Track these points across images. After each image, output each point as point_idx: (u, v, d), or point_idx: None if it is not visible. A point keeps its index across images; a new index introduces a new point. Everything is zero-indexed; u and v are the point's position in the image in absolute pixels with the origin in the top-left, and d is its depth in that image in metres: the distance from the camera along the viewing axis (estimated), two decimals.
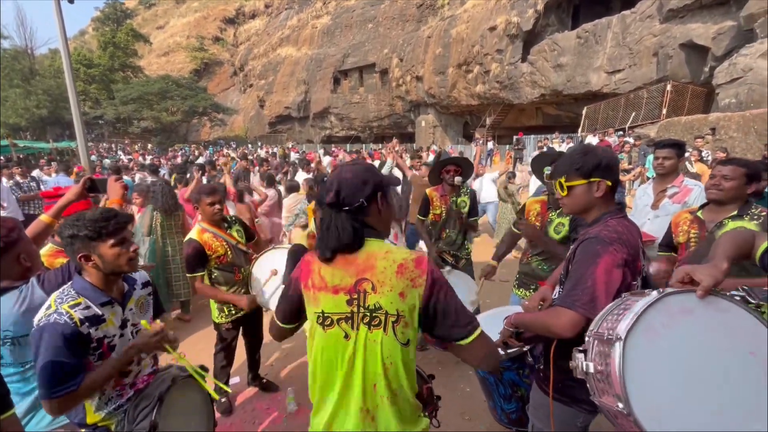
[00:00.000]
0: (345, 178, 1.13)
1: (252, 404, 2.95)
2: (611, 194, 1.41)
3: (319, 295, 1.12)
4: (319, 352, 1.15)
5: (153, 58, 45.84)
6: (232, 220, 2.79)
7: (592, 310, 1.21)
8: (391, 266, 1.08)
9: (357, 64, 26.69)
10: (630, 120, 14.02)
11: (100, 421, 1.49)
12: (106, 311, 1.44)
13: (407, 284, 1.07)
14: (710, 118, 10.19)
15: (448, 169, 3.22)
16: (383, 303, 1.07)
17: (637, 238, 1.36)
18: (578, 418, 1.45)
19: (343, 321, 1.10)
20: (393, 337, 1.08)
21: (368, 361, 1.09)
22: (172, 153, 21.69)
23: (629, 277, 1.28)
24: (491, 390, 2.09)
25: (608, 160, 1.39)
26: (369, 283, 1.08)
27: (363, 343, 1.09)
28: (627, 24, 14.27)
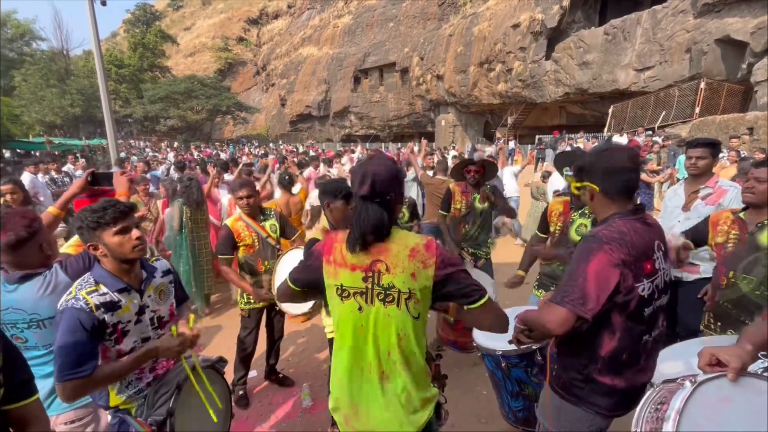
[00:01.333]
0: (378, 172, 1.22)
1: (268, 398, 2.99)
2: (609, 196, 1.38)
3: (339, 270, 1.25)
4: (337, 319, 1.30)
5: (180, 58, 47.24)
6: (270, 213, 2.87)
7: (581, 306, 1.24)
8: (403, 250, 1.20)
9: (377, 63, 26.73)
10: (660, 119, 13.49)
11: (121, 404, 1.53)
12: (123, 297, 1.48)
13: (418, 266, 1.19)
14: (747, 117, 9.69)
15: (469, 169, 3.20)
16: (396, 282, 1.19)
17: (647, 240, 1.33)
18: (586, 420, 1.41)
19: (358, 295, 1.23)
20: (406, 311, 1.21)
21: (382, 331, 1.23)
22: (198, 150, 22.32)
23: (630, 279, 1.27)
24: (499, 386, 2.08)
25: (590, 163, 1.39)
26: (383, 264, 1.20)
27: (376, 316, 1.22)
28: (658, 19, 13.73)
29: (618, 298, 1.27)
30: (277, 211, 2.98)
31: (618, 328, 1.32)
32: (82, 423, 1.62)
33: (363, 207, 1.22)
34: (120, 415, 1.52)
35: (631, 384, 1.36)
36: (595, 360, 1.36)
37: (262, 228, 2.78)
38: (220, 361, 1.77)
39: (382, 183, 1.21)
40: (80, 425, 1.61)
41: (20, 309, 1.51)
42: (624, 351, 1.33)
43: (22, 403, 0.92)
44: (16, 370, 0.94)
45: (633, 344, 1.34)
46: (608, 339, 1.33)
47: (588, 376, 1.38)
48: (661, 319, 1.40)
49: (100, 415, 1.72)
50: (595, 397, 1.38)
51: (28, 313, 1.52)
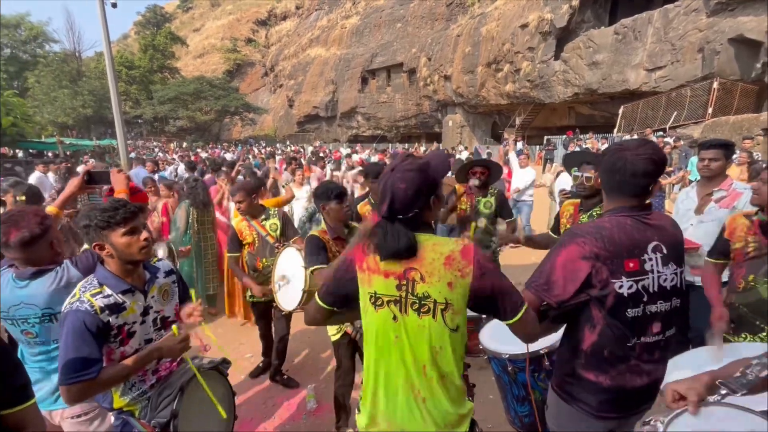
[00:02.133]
0: (399, 188, 1.13)
1: (273, 400, 2.98)
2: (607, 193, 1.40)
3: (372, 277, 1.18)
4: (370, 330, 1.22)
5: (189, 59, 47.77)
6: (273, 213, 3.01)
7: (545, 292, 1.30)
8: (438, 258, 1.13)
9: (385, 64, 26.74)
10: (671, 120, 13.27)
11: (125, 406, 1.53)
12: (128, 299, 1.48)
13: (455, 275, 1.11)
14: (762, 118, 9.50)
15: (475, 171, 3.18)
16: (432, 292, 1.12)
17: (636, 239, 1.30)
18: (580, 420, 1.39)
19: (392, 303, 1.16)
20: (442, 323, 1.13)
21: (416, 344, 1.14)
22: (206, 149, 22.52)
23: (604, 273, 1.26)
24: (505, 390, 2.06)
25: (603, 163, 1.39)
26: (417, 273, 1.13)
27: (411, 327, 1.14)
28: (670, 18, 13.52)
29: (593, 291, 1.29)
30: (281, 211, 3.07)
31: (598, 323, 1.33)
32: (89, 417, 1.63)
33: (385, 227, 1.15)
34: (123, 416, 1.52)
35: (619, 384, 1.33)
36: (578, 354, 1.38)
37: (262, 227, 2.92)
38: (224, 363, 1.76)
39: (403, 201, 1.13)
40: (86, 419, 1.62)
41: (32, 304, 1.54)
42: (605, 347, 1.33)
43: (18, 408, 0.91)
44: (12, 375, 0.93)
45: (615, 343, 1.32)
46: (589, 333, 1.35)
47: (574, 371, 1.40)
48: (656, 326, 1.34)
49: (107, 411, 1.73)
50: (583, 394, 1.38)
51: (40, 308, 1.55)
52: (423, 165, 1.17)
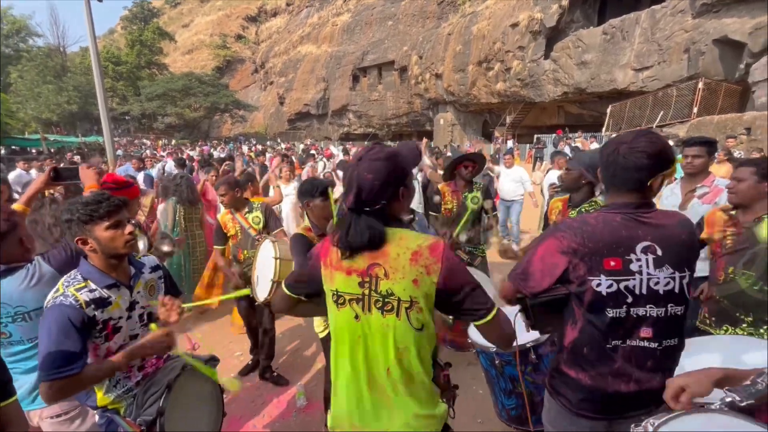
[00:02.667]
0: (365, 180, 1.07)
1: (262, 398, 2.96)
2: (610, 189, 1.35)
3: (335, 274, 1.14)
4: (333, 329, 1.19)
5: (177, 55, 47.05)
6: (256, 206, 3.07)
7: (522, 282, 1.31)
8: (404, 253, 1.07)
9: (376, 62, 26.68)
10: (658, 119, 13.49)
11: (110, 404, 1.51)
12: (113, 294, 1.45)
13: (421, 271, 1.06)
14: (745, 117, 9.71)
15: (467, 165, 3.18)
16: (396, 289, 1.07)
17: (622, 236, 1.24)
18: (563, 418, 1.37)
19: (354, 302, 1.11)
20: (406, 322, 1.08)
21: (380, 344, 1.10)
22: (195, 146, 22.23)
23: (581, 269, 1.24)
24: (493, 384, 2.08)
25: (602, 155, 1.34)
26: (381, 269, 1.08)
27: (374, 326, 1.10)
28: (657, 19, 13.72)
29: (571, 287, 1.28)
30: (264, 204, 3.11)
31: (579, 320, 1.31)
32: (69, 417, 1.58)
33: (350, 219, 1.10)
34: (108, 414, 1.50)
35: (599, 386, 1.29)
36: (561, 349, 1.39)
37: (245, 219, 3.00)
38: (211, 360, 1.75)
39: (370, 192, 1.07)
40: (66, 419, 1.58)
41: (4, 303, 1.50)
42: (584, 345, 1.30)
43: (1, 404, 0.90)
44: None
45: (596, 342, 1.29)
46: (571, 329, 1.34)
47: (558, 366, 1.40)
48: (644, 330, 1.26)
49: (88, 410, 1.70)
50: (563, 389, 1.37)
51: (12, 306, 1.51)
52: (391, 154, 1.12)
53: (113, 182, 2.42)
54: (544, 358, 1.91)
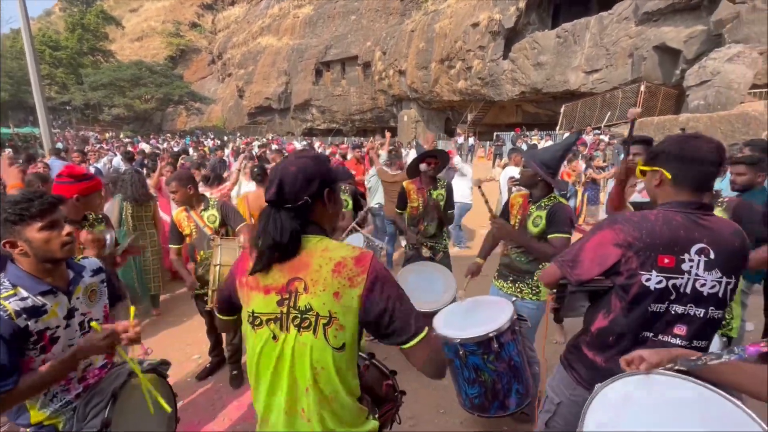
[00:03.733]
0: (289, 173, 1.03)
1: (222, 400, 2.85)
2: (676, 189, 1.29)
3: (251, 294, 1.06)
4: (250, 352, 1.09)
5: (125, 42, 43.90)
6: (213, 204, 2.94)
7: (569, 268, 1.34)
8: (327, 264, 1.01)
9: (339, 56, 26.34)
10: (605, 119, 14.40)
11: (45, 420, 1.38)
12: (48, 301, 1.32)
13: (343, 284, 0.99)
14: (680, 118, 10.58)
15: (429, 161, 3.19)
16: (314, 304, 0.99)
17: (681, 236, 1.24)
18: (569, 386, 1.48)
19: (272, 322, 1.03)
20: (324, 340, 1.00)
21: (297, 364, 1.02)
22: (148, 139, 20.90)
23: (634, 263, 1.25)
24: (456, 374, 2.13)
25: (678, 150, 1.27)
26: (302, 283, 1.01)
27: (292, 346, 1.02)
28: (604, 25, 14.60)
29: (619, 279, 1.29)
30: (221, 201, 2.97)
31: (614, 311, 1.34)
32: None
33: (269, 214, 1.04)
34: (45, 431, 1.38)
35: (611, 368, 1.31)
36: (586, 332, 1.45)
37: (200, 218, 2.87)
38: (162, 365, 1.65)
39: (293, 185, 1.02)
40: None
41: None
42: (612, 334, 1.35)
43: None
44: None
45: (625, 332, 1.32)
46: (602, 317, 1.38)
47: (578, 345, 1.47)
48: (679, 328, 1.29)
49: (19, 429, 1.55)
50: (578, 364, 1.46)
51: None
52: (320, 156, 1.13)
53: (72, 174, 2.22)
54: (505, 346, 1.98)
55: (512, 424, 2.52)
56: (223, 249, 2.52)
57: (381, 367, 1.39)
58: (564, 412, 1.52)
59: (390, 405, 1.32)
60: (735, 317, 2.06)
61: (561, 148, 2.31)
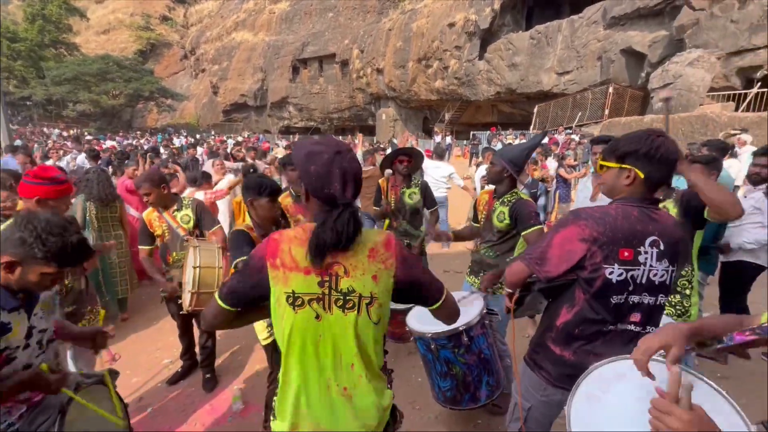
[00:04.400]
0: (355, 169, 1.09)
1: (194, 405, 2.79)
2: (645, 187, 1.34)
3: (290, 275, 1.08)
4: (288, 333, 1.10)
5: (91, 35, 41.91)
6: (186, 203, 2.83)
7: (537, 265, 1.35)
8: (362, 250, 1.10)
9: (317, 54, 26.08)
10: (576, 119, 14.88)
11: None
12: (12, 318, 1.24)
13: (379, 267, 1.10)
14: (645, 119, 11.06)
15: (401, 160, 3.23)
16: (356, 287, 1.08)
17: (637, 229, 1.31)
18: (539, 387, 1.48)
19: (314, 302, 1.08)
20: (367, 318, 1.11)
21: (342, 342, 1.10)
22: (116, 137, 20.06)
23: (598, 257, 1.29)
24: (430, 368, 2.17)
25: (649, 150, 1.30)
26: (341, 267, 1.08)
27: (336, 325, 1.09)
28: (575, 28, 15.07)
29: (583, 273, 1.32)
30: (195, 200, 2.89)
31: (578, 304, 1.38)
32: None
33: (342, 214, 1.05)
34: None
35: (581, 361, 1.36)
36: (551, 328, 1.45)
37: (173, 218, 2.77)
38: (110, 374, 1.57)
39: (359, 184, 1.10)
40: None
41: None
42: (576, 326, 1.39)
43: None
44: None
45: (589, 324, 1.37)
46: (566, 311, 1.40)
47: (543, 342, 1.47)
48: (635, 315, 1.37)
49: None
50: (545, 362, 1.46)
51: None
52: None
53: (38, 175, 2.08)
54: (475, 339, 2.03)
55: (486, 416, 2.58)
56: (201, 250, 2.44)
57: None
58: (536, 416, 1.52)
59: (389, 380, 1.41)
60: (693, 305, 2.17)
61: (527, 146, 2.39)
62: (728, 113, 9.78)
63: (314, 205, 1.12)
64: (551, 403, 1.49)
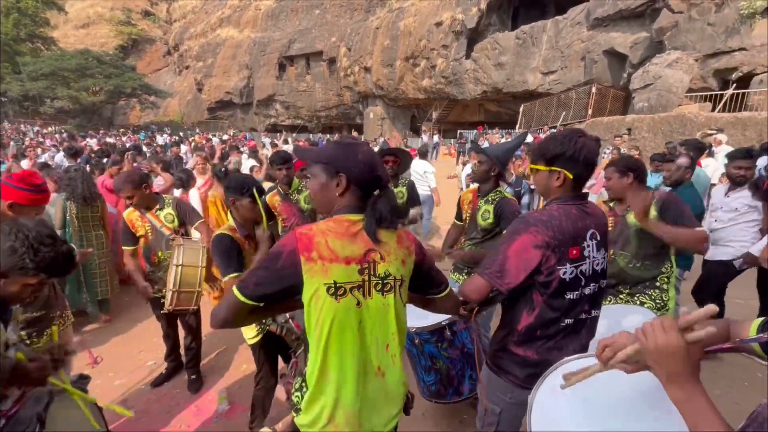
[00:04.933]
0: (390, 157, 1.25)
1: (179, 406, 2.76)
2: (573, 185, 1.41)
3: (330, 266, 1.11)
4: (330, 322, 1.12)
5: (69, 29, 40.65)
6: (168, 202, 2.82)
7: (498, 279, 1.35)
8: (391, 237, 1.21)
9: (304, 51, 25.84)
10: (561, 119, 15.12)
11: None
12: None
13: (405, 252, 1.22)
14: (627, 119, 11.31)
15: (387, 160, 3.23)
16: (392, 270, 1.18)
17: (579, 227, 1.38)
18: (507, 390, 1.51)
19: (355, 289, 1.14)
20: (400, 299, 1.22)
21: (381, 324, 1.19)
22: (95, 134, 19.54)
23: (552, 260, 1.33)
24: (415, 363, 2.20)
25: (574, 152, 1.35)
26: (377, 253, 1.16)
27: (375, 308, 1.17)
28: (560, 28, 15.29)
29: (539, 277, 1.35)
30: (175, 199, 2.87)
31: (537, 307, 1.41)
32: None
33: (387, 192, 1.22)
34: None
35: (544, 358, 1.42)
36: (513, 333, 1.47)
37: (156, 217, 2.74)
38: (81, 380, 1.54)
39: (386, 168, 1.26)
40: None
41: None
42: (538, 328, 1.43)
43: None
44: None
45: (550, 323, 1.42)
46: (526, 315, 1.43)
47: (506, 347, 1.49)
48: (585, 306, 1.45)
49: None
50: (511, 366, 1.49)
51: None
52: None
53: (31, 185, 2.00)
54: (458, 334, 2.07)
55: (471, 411, 2.62)
56: (185, 249, 2.44)
57: None
58: (507, 417, 1.56)
59: None
60: (671, 299, 2.26)
61: (511, 145, 2.44)
62: (705, 113, 10.07)
63: (353, 195, 1.19)
64: (520, 404, 1.50)
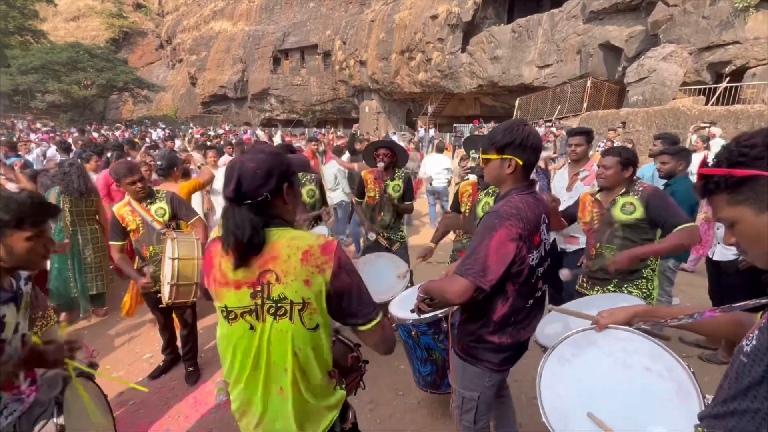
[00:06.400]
0: (248, 168, 1.04)
1: (177, 398, 2.78)
2: (524, 172, 1.48)
3: (220, 291, 1.09)
4: (225, 343, 1.15)
5: (59, 22, 39.96)
6: (160, 196, 2.79)
7: (481, 278, 1.33)
8: (295, 254, 1.06)
9: (298, 44, 25.60)
10: (556, 112, 15.15)
11: None
12: (8, 312, 1.20)
13: (312, 271, 1.06)
14: (621, 112, 11.36)
15: (378, 153, 3.22)
16: (288, 293, 1.05)
17: (538, 215, 1.46)
18: (484, 377, 1.58)
19: (247, 314, 1.08)
20: (300, 324, 1.08)
21: (275, 349, 1.09)
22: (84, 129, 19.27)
23: (524, 250, 1.40)
24: (410, 354, 2.23)
25: (522, 140, 1.41)
26: (272, 274, 1.05)
27: (269, 333, 1.08)
28: (555, 22, 15.26)
29: (513, 268, 1.39)
30: (170, 193, 2.85)
31: (510, 296, 1.45)
32: None
33: (230, 212, 1.06)
34: None
35: (516, 340, 1.53)
36: (487, 324, 1.50)
37: (147, 212, 2.71)
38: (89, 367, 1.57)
39: (251, 182, 1.04)
40: None
41: None
42: (512, 315, 1.49)
43: None
44: None
45: (521, 309, 1.50)
46: (501, 305, 1.46)
47: (480, 337, 1.53)
48: (540, 284, 1.56)
49: None
50: (487, 354, 1.54)
51: None
52: (276, 150, 1.14)
53: None
54: (454, 325, 2.09)
55: None
56: (179, 242, 2.44)
57: (346, 341, 1.46)
58: (485, 399, 1.63)
59: (355, 375, 1.41)
60: (655, 288, 2.31)
61: None
62: (699, 107, 10.14)
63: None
64: (495, 384, 1.63)
